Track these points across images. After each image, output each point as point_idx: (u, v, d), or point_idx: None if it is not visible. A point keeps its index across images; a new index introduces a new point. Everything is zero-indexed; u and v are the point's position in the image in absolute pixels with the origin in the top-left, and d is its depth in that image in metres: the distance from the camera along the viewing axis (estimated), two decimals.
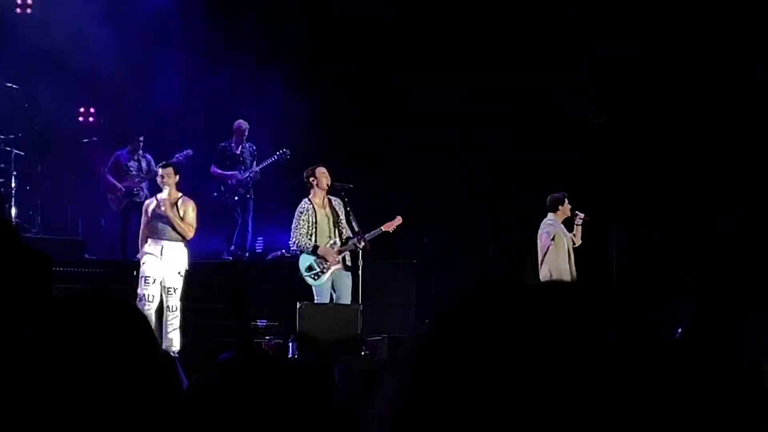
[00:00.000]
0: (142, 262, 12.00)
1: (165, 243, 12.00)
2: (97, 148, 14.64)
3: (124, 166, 14.26)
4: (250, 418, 2.25)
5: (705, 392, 2.16)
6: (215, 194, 14.91)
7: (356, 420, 3.67)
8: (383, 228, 12.49)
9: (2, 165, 13.68)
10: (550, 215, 12.77)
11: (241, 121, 15.00)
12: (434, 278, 13.81)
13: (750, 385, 2.19)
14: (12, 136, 13.78)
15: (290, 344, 11.67)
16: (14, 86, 13.90)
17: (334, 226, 12.38)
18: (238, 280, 13.63)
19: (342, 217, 12.39)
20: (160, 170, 12.25)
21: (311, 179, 12.37)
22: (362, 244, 12.19)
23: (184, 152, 14.15)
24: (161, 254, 11.96)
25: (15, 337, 2.02)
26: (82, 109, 15.18)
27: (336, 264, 12.25)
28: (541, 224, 12.77)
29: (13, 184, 13.57)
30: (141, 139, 14.43)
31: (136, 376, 1.97)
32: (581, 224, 12.85)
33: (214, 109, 15.46)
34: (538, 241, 12.69)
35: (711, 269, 2.37)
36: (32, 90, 14.07)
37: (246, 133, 14.97)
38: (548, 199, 12.84)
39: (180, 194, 12.17)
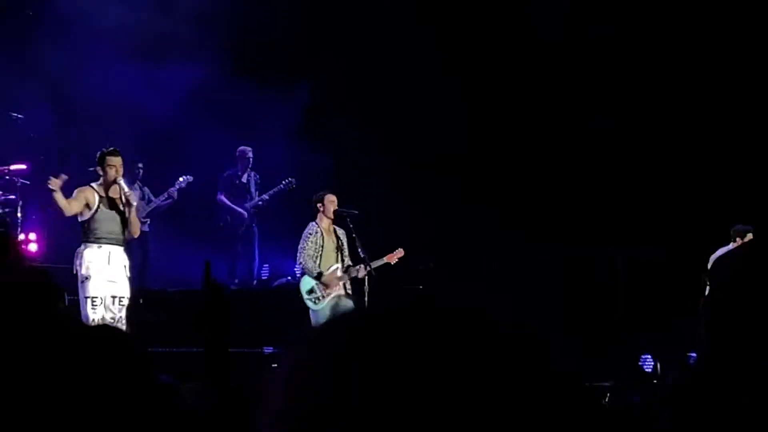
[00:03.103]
0: (84, 275, 10.23)
1: (112, 248, 10.37)
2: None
3: None
4: None
5: (725, 419, 2.12)
6: (221, 224, 14.83)
7: None
8: (386, 259, 12.52)
9: (8, 195, 13.70)
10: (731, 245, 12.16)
11: (245, 147, 14.94)
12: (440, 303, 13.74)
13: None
14: (17, 166, 13.79)
15: None
16: (19, 116, 13.95)
17: (338, 252, 12.40)
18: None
19: (345, 245, 12.40)
20: (111, 158, 10.50)
21: (319, 205, 12.38)
22: (367, 270, 12.18)
23: (185, 178, 14.07)
24: (108, 261, 10.32)
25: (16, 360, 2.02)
26: None
27: (337, 290, 12.26)
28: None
29: (18, 214, 13.57)
30: (140, 165, 14.30)
31: (133, 405, 1.97)
32: None
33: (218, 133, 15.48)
34: None
35: (725, 299, 2.33)
36: (37, 119, 14.12)
37: (251, 161, 14.89)
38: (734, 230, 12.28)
39: None
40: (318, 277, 12.22)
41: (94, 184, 10.69)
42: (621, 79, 15.43)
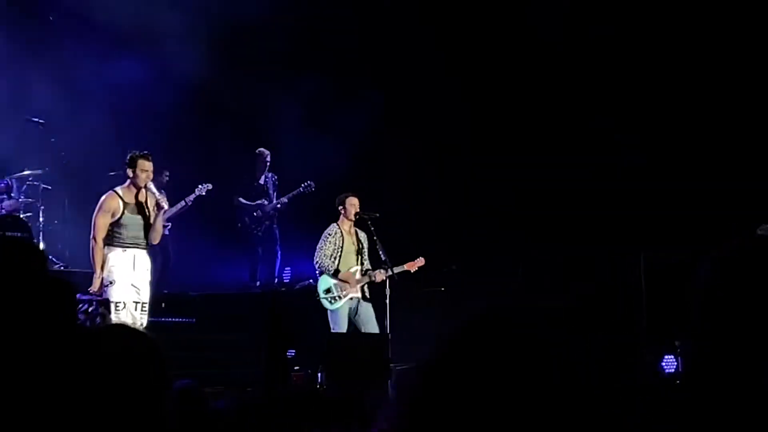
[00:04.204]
0: (108, 279, 10.16)
1: (137, 252, 10.30)
2: (124, 181, 14.51)
3: None
4: None
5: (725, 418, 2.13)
6: (240, 225, 14.82)
7: None
8: (406, 266, 12.55)
9: (30, 199, 13.62)
10: None
11: (262, 149, 14.93)
12: (463, 305, 13.80)
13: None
14: (39, 171, 13.71)
15: (319, 374, 11.65)
16: (40, 121, 13.84)
17: (358, 255, 12.43)
18: (279, 310, 13.46)
19: (366, 249, 12.45)
20: (145, 162, 10.29)
21: (340, 208, 12.43)
22: (389, 273, 12.23)
23: (203, 186, 14.03)
24: (133, 266, 10.26)
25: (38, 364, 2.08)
26: None
27: (354, 291, 12.29)
28: None
29: (41, 218, 13.51)
30: (167, 174, 14.25)
31: (150, 402, 2.05)
32: None
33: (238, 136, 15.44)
34: None
35: (703, 305, 2.32)
36: (58, 124, 14.03)
37: (268, 162, 14.87)
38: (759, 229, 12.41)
39: None
40: (335, 274, 12.24)
41: (118, 189, 10.50)
42: (621, 79, 15.54)
